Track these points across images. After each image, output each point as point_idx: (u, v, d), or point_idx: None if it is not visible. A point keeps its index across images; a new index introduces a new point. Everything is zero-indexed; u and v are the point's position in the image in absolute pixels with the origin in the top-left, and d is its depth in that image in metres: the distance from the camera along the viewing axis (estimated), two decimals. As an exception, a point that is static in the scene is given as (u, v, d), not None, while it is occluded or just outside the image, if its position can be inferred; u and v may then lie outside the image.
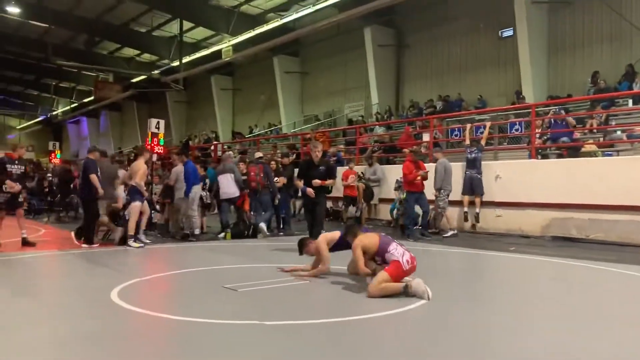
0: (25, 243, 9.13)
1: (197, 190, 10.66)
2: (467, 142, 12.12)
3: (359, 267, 5.48)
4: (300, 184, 8.28)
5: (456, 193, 11.68)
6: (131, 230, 9.21)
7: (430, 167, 11.72)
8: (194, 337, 3.87)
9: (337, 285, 5.75)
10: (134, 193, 9.37)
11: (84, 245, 9.21)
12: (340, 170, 12.66)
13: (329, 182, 8.26)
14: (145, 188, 9.94)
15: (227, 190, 10.98)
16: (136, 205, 9.26)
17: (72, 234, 10.23)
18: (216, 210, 12.82)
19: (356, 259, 5.50)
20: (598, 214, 10.02)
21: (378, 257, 5.47)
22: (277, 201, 11.32)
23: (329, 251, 6.19)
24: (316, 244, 6.23)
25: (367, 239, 5.54)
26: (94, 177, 9.17)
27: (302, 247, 6.38)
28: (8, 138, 54.74)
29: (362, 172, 14.11)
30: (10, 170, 9.05)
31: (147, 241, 9.58)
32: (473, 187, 11.57)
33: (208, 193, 11.61)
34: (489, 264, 8.07)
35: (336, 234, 6.22)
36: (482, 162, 11.77)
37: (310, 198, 8.10)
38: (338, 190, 13.27)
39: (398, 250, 5.38)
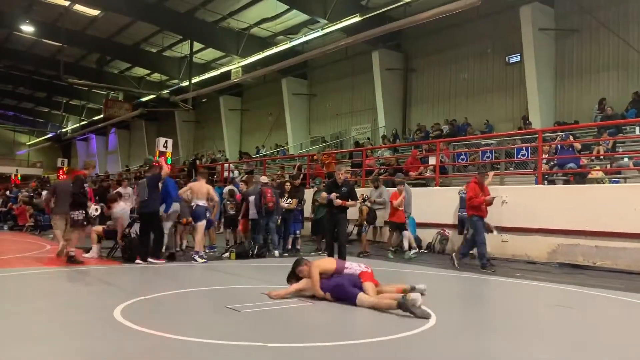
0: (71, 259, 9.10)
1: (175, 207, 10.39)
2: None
3: (315, 288, 6.00)
4: (324, 195, 8.98)
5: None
6: (199, 247, 9.92)
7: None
8: (196, 357, 3.85)
9: (341, 308, 5.71)
10: (199, 213, 9.92)
11: (150, 260, 9.21)
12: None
13: (349, 203, 8.89)
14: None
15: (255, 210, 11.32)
16: (201, 224, 9.97)
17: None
18: (222, 230, 12.84)
19: (313, 279, 6.02)
20: (605, 241, 9.94)
21: (336, 274, 6.09)
22: (279, 221, 11.60)
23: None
24: (310, 267, 6.23)
25: (324, 262, 6.26)
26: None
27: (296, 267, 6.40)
28: (17, 154, 55.32)
29: (367, 195, 14.11)
30: (87, 189, 9.36)
31: (205, 258, 10.01)
32: (464, 226, 11.56)
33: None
34: (495, 290, 8.00)
35: (332, 265, 6.28)
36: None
37: (331, 220, 8.79)
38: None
39: (354, 265, 6.21)
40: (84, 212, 9.08)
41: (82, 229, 9.25)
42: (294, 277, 6.36)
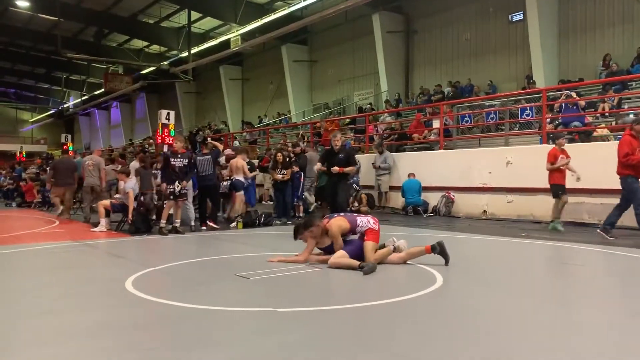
0: (177, 232, 9.62)
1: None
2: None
3: (338, 248, 6.12)
4: (319, 165, 9.11)
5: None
6: (235, 213, 11.23)
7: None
8: (207, 324, 3.92)
9: (349, 272, 5.78)
10: (237, 185, 11.21)
11: (211, 224, 10.46)
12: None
13: (348, 169, 8.90)
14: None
15: None
16: (240, 194, 11.28)
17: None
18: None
19: (337, 242, 6.13)
20: (610, 198, 9.90)
21: (349, 233, 6.19)
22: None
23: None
24: (329, 228, 6.26)
25: (340, 222, 6.21)
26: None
27: (297, 233, 6.42)
28: (21, 131, 55.32)
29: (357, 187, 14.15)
30: (173, 163, 9.52)
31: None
32: None
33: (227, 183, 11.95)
34: (500, 250, 8.06)
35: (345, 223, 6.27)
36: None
37: (331, 185, 8.84)
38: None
39: (363, 220, 6.24)
40: (173, 187, 9.46)
41: (172, 201, 9.58)
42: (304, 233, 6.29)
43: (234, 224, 10.91)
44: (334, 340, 3.54)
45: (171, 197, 9.49)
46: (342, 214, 6.65)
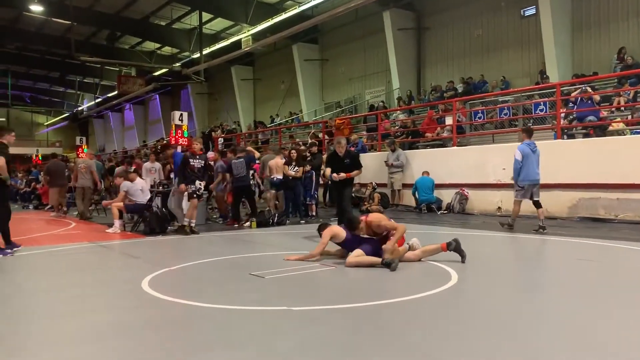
0: (192, 231, 9.75)
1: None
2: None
3: (392, 228, 6.18)
4: (328, 172, 8.79)
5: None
6: (280, 210, 11.85)
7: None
8: (223, 324, 3.94)
9: (364, 270, 5.79)
10: (275, 184, 11.86)
11: (235, 225, 10.96)
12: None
13: (354, 173, 8.76)
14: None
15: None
16: (279, 193, 11.98)
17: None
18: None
19: (388, 225, 6.21)
20: (627, 193, 9.84)
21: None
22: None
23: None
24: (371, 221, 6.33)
25: (378, 214, 6.58)
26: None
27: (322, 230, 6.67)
28: (37, 134, 56.00)
29: (375, 183, 14.13)
30: (192, 164, 9.71)
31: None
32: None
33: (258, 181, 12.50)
34: (515, 247, 8.01)
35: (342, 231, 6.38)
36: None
37: (336, 188, 8.78)
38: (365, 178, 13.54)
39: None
40: (194, 186, 9.68)
41: (194, 200, 9.74)
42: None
43: (247, 223, 10.96)
44: (349, 339, 3.54)
45: (194, 195, 9.66)
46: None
